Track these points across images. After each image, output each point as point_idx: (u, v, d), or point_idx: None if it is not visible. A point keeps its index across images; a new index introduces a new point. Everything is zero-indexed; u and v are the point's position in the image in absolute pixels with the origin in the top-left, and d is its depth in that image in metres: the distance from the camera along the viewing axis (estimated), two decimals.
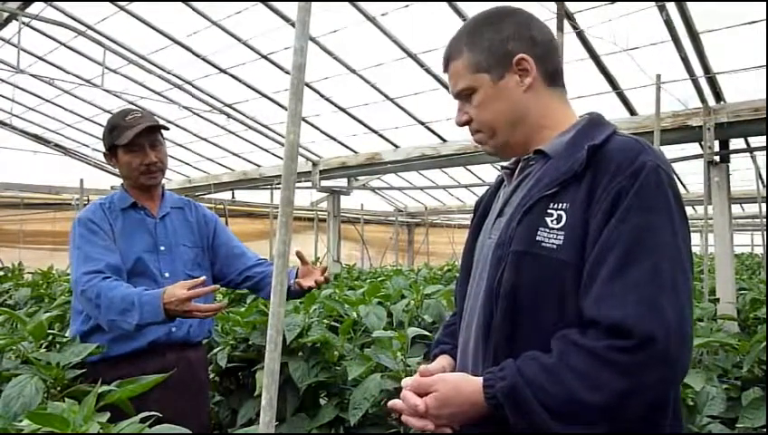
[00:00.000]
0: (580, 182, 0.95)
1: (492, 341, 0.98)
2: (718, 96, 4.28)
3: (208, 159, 8.48)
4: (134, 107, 2.04)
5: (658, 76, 3.51)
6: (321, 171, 7.35)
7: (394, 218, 12.02)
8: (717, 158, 4.17)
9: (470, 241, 1.17)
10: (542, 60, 1.06)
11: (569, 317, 0.92)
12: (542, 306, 0.94)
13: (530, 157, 1.08)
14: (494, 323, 0.97)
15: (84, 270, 1.77)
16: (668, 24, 3.77)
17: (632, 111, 4.90)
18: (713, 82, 4.17)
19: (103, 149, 2.00)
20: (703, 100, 4.24)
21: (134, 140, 1.90)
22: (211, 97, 6.46)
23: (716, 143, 4.23)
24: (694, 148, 4.96)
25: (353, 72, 5.44)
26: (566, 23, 3.53)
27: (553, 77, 1.08)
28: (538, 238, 0.95)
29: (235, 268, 2.10)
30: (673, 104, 4.41)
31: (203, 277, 1.74)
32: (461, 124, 1.13)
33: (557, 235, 0.94)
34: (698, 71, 4.10)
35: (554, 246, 0.93)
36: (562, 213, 0.95)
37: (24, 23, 5.16)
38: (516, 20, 1.08)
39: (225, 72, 5.95)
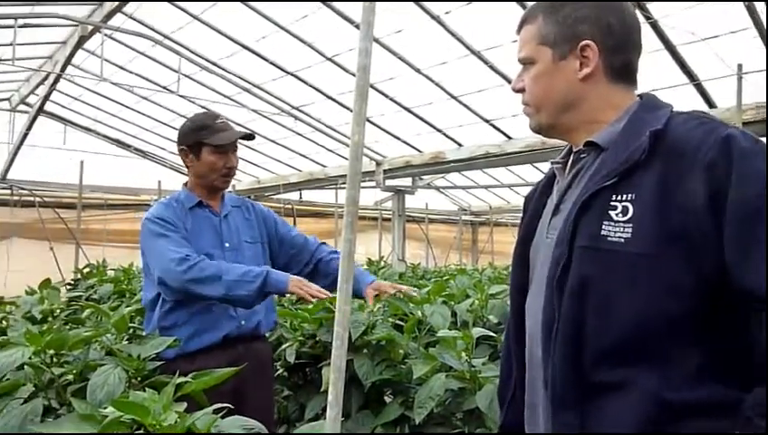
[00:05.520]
0: (645, 170, 0.89)
1: (556, 342, 0.93)
2: None
3: (276, 160, 8.70)
4: (214, 111, 2.15)
5: (740, 66, 3.33)
6: (384, 171, 7.40)
7: (458, 218, 11.93)
8: None
9: (522, 242, 1.12)
10: (612, 52, 0.99)
11: (634, 311, 0.87)
12: (609, 302, 0.89)
13: (581, 149, 1.03)
14: (557, 325, 0.93)
15: (183, 252, 1.86)
16: (750, 9, 3.56)
17: (711, 104, 4.66)
18: None
19: (180, 146, 2.06)
20: None
21: (225, 144, 2.00)
22: (279, 100, 6.62)
23: None
24: None
25: (417, 71, 5.44)
26: (638, 13, 3.38)
27: (620, 72, 1.01)
28: (603, 233, 0.90)
29: (302, 258, 2.20)
30: (756, 95, 4.16)
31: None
32: (515, 90, 1.09)
33: (624, 228, 0.88)
34: None
35: (622, 240, 0.88)
36: (628, 205, 0.89)
37: (106, 35, 5.48)
38: (601, 2, 1.00)
39: (292, 75, 6.08)
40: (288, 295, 1.99)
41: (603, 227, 0.90)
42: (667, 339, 0.87)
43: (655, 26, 3.98)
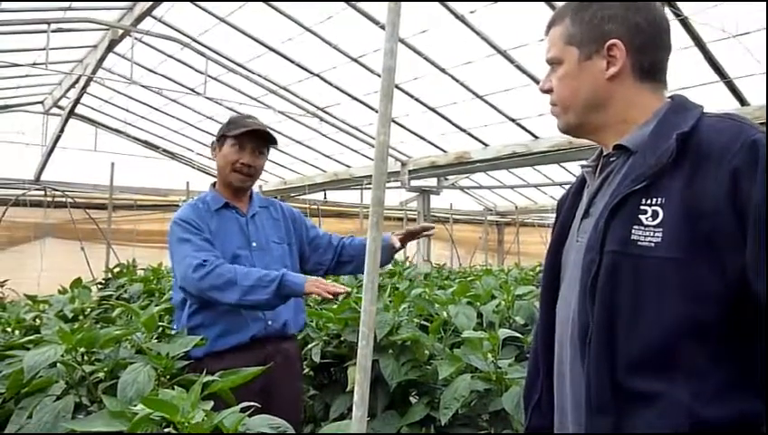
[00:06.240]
0: (673, 174, 0.88)
1: (591, 347, 0.92)
2: None
3: (302, 160, 8.76)
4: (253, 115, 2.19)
5: None
6: (410, 171, 7.39)
7: (483, 218, 11.86)
8: None
9: (554, 245, 1.12)
10: (640, 51, 0.98)
11: (663, 316, 0.86)
12: (639, 307, 0.88)
13: (610, 153, 1.02)
14: (592, 328, 0.92)
15: (203, 256, 1.88)
16: None
17: (743, 101, 4.55)
18: None
19: (212, 142, 2.14)
20: None
21: (242, 137, 2.02)
22: (304, 101, 6.66)
23: None
24: None
25: (443, 71, 5.42)
26: (668, 10, 3.32)
27: (648, 73, 1.00)
28: (633, 237, 0.89)
29: (327, 256, 2.23)
30: None
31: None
32: (543, 91, 1.09)
33: (654, 232, 0.87)
34: None
35: (652, 244, 0.87)
36: (658, 209, 0.88)
37: (136, 38, 5.59)
38: (630, 1, 0.99)
39: (317, 76, 6.12)
40: (314, 296, 2.00)
41: (633, 231, 0.90)
42: (695, 347, 0.86)
43: (685, 23, 3.90)
